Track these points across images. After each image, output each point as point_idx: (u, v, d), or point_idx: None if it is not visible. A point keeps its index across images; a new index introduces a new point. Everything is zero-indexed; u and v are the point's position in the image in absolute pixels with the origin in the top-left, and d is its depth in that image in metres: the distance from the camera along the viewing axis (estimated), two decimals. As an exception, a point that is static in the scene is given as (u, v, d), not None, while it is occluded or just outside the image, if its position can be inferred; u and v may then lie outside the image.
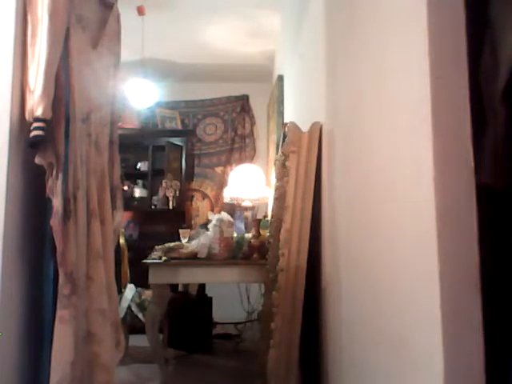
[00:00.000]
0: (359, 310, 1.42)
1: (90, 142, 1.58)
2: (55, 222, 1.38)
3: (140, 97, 3.75)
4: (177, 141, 4.71)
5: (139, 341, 2.99)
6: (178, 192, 4.49)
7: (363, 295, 1.38)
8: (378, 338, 1.22)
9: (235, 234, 2.79)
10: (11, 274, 1.39)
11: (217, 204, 4.75)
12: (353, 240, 1.53)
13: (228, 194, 3.34)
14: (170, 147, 4.63)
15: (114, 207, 1.74)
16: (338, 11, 1.79)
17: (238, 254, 2.74)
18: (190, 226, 4.05)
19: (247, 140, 4.99)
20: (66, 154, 1.43)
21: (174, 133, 4.76)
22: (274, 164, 2.97)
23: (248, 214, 3.36)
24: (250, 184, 3.27)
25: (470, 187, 0.86)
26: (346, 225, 1.62)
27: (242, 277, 2.76)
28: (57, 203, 1.38)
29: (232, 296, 3.59)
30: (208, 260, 2.65)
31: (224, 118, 5.02)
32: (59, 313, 1.38)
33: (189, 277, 2.81)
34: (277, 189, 2.43)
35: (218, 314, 3.67)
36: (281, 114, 3.79)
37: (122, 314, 2.79)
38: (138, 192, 4.58)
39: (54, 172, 1.40)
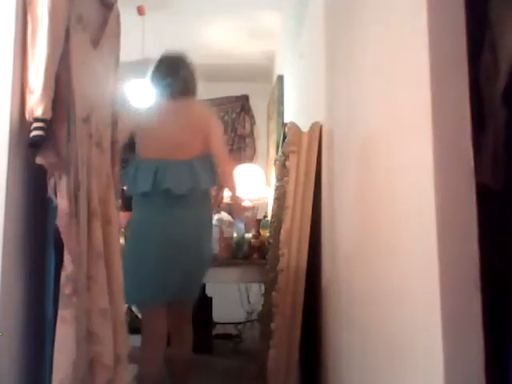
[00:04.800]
0: (359, 310, 1.42)
1: (90, 143, 1.58)
2: (62, 221, 1.37)
3: (140, 97, 3.75)
4: (177, 141, 4.70)
5: (139, 341, 2.99)
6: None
7: (363, 295, 1.38)
8: (377, 338, 1.22)
9: (235, 234, 2.79)
10: (12, 273, 1.38)
11: (217, 204, 4.74)
12: (352, 240, 1.53)
13: (228, 194, 3.34)
14: (170, 147, 4.63)
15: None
16: (337, 11, 1.79)
17: (237, 254, 2.74)
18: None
19: (247, 140, 4.98)
20: (67, 154, 1.43)
21: (174, 133, 4.76)
22: (274, 164, 2.97)
23: (248, 214, 3.36)
24: (250, 184, 3.27)
25: (470, 187, 0.86)
26: (346, 225, 1.62)
27: (242, 277, 2.76)
28: (62, 203, 1.38)
29: (232, 296, 3.59)
30: (208, 260, 2.65)
31: (224, 118, 5.02)
32: (61, 312, 1.37)
33: (189, 277, 2.80)
34: (277, 189, 2.43)
35: (218, 314, 3.67)
36: (281, 114, 3.78)
37: (121, 314, 2.79)
38: (138, 192, 4.58)
39: (57, 172, 1.40)
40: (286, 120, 3.43)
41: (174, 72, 2.06)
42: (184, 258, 1.98)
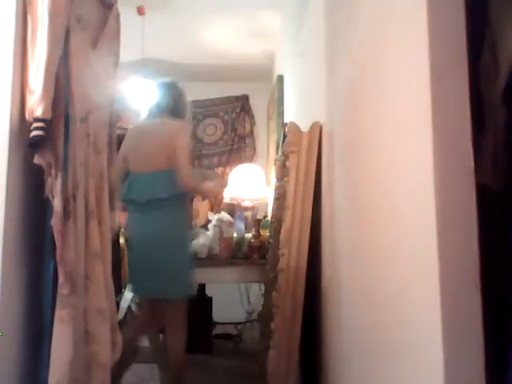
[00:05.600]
0: (359, 310, 1.42)
1: (88, 143, 1.58)
2: (55, 221, 1.37)
3: (140, 97, 3.75)
4: (177, 141, 4.69)
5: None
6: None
7: (363, 295, 1.38)
8: (377, 338, 1.22)
9: (235, 234, 2.79)
10: (11, 273, 1.39)
11: (217, 204, 4.75)
12: (352, 240, 1.53)
13: (228, 194, 3.34)
14: (170, 147, 4.62)
15: (111, 207, 1.74)
16: (337, 11, 1.79)
17: (238, 253, 2.74)
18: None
19: (247, 140, 4.98)
20: (65, 154, 1.43)
21: (174, 133, 4.75)
22: (274, 164, 2.97)
23: (248, 214, 3.36)
24: (250, 184, 3.27)
25: (470, 187, 0.86)
26: (346, 225, 1.62)
27: (242, 277, 2.76)
28: (56, 203, 1.38)
29: (232, 296, 3.59)
30: (208, 260, 2.65)
31: (224, 118, 5.02)
32: (58, 312, 1.37)
33: (189, 277, 2.81)
34: (277, 189, 2.43)
35: (218, 314, 3.67)
36: (281, 114, 3.78)
37: (122, 314, 2.79)
38: (138, 192, 4.58)
39: (53, 172, 1.40)
40: (286, 120, 3.43)
41: (163, 94, 2.38)
42: (150, 257, 2.22)
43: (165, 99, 2.36)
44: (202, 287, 3.62)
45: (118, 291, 2.86)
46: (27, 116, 1.40)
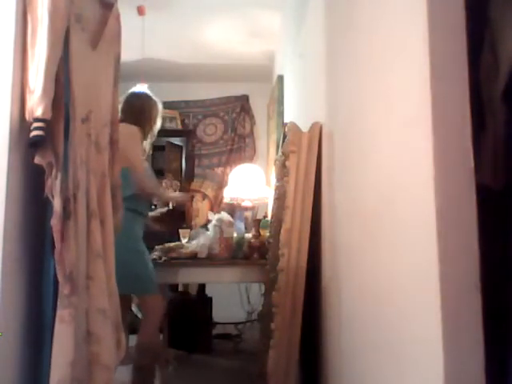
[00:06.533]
0: (359, 310, 1.42)
1: (89, 142, 1.58)
2: (54, 221, 1.37)
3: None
4: (177, 141, 4.70)
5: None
6: (178, 192, 4.49)
7: (363, 295, 1.38)
8: (377, 338, 1.22)
9: (235, 234, 2.79)
10: (12, 274, 1.38)
11: (217, 204, 4.75)
12: (352, 240, 1.53)
13: (228, 194, 3.34)
14: (170, 147, 4.63)
15: (113, 207, 1.73)
16: (337, 11, 1.79)
17: (238, 253, 2.74)
18: (190, 227, 4.06)
19: (247, 140, 4.98)
20: (65, 153, 1.43)
21: (174, 133, 4.75)
22: (274, 164, 2.97)
23: (248, 214, 3.36)
24: (250, 184, 3.27)
25: (470, 187, 0.86)
26: (346, 225, 1.62)
27: (242, 277, 2.76)
28: (56, 203, 1.38)
29: (232, 296, 3.59)
30: (208, 260, 2.65)
31: (224, 118, 5.02)
32: (59, 313, 1.37)
33: (189, 277, 2.81)
34: (277, 189, 2.43)
35: (218, 314, 3.67)
36: (281, 114, 3.78)
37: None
38: (137, 192, 4.59)
39: (54, 171, 1.40)
40: (286, 120, 3.43)
41: (129, 102, 2.58)
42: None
43: (131, 106, 2.55)
44: (202, 287, 3.63)
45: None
46: (27, 116, 1.40)
